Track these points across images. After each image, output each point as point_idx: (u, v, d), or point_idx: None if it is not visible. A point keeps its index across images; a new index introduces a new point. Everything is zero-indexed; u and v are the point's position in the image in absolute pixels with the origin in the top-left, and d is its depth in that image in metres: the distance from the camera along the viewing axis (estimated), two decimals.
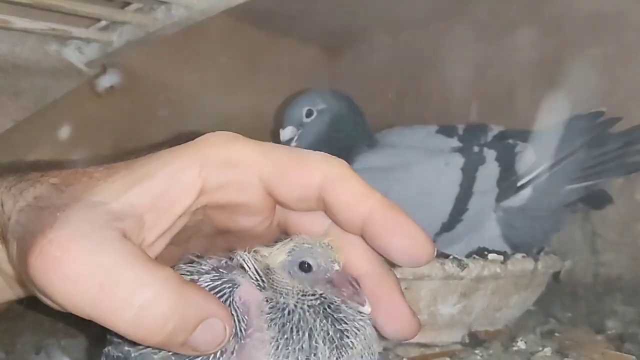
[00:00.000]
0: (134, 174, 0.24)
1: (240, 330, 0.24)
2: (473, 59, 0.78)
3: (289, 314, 0.24)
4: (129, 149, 0.68)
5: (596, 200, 0.60)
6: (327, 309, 0.25)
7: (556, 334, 0.54)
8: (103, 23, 0.55)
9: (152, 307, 0.21)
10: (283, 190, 0.26)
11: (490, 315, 0.52)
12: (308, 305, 0.25)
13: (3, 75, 0.55)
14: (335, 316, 0.25)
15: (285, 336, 0.24)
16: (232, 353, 0.23)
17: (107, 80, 0.59)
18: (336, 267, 0.25)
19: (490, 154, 0.58)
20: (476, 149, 0.59)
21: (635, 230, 0.63)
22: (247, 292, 0.25)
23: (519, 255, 0.52)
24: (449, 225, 0.56)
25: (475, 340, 0.51)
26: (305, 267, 0.25)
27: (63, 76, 0.58)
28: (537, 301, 0.57)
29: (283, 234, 0.29)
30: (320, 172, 0.26)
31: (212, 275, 0.25)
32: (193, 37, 0.69)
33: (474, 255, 0.51)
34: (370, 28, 0.84)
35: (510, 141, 0.60)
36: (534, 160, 0.58)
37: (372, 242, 0.26)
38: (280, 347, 0.24)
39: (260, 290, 0.25)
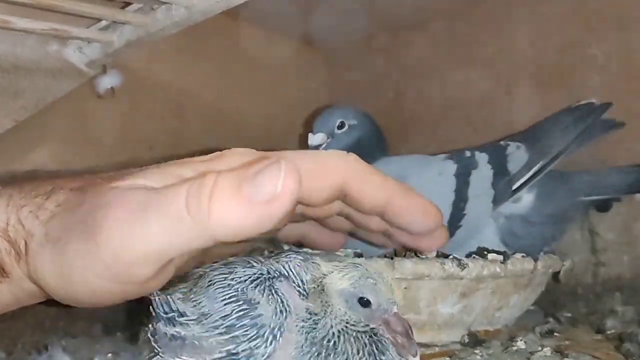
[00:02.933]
0: (164, 174, 0.26)
1: (289, 319, 0.24)
2: (473, 59, 0.78)
3: (327, 334, 0.24)
4: (129, 149, 0.68)
5: (601, 203, 0.60)
6: (374, 346, 0.25)
7: (556, 334, 0.54)
8: (103, 23, 0.55)
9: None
10: (310, 196, 0.28)
11: (490, 315, 0.52)
12: (354, 337, 0.25)
13: (3, 76, 0.55)
14: (379, 358, 0.25)
15: (314, 349, 0.24)
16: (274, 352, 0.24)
17: (107, 81, 0.59)
18: (395, 309, 0.26)
19: (482, 157, 0.59)
20: (468, 153, 0.60)
21: (635, 230, 0.63)
22: (288, 291, 0.25)
23: (518, 255, 0.52)
24: (449, 232, 0.56)
25: (474, 340, 0.51)
26: (364, 302, 0.26)
27: (63, 76, 0.58)
28: (537, 301, 0.57)
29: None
30: (341, 173, 0.28)
31: (249, 269, 0.26)
32: (193, 38, 0.70)
33: (474, 255, 0.51)
34: (370, 28, 0.84)
35: (502, 142, 0.61)
36: (526, 159, 0.58)
37: (392, 220, 0.29)
38: (303, 355, 0.24)
39: (300, 297, 0.25)
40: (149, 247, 0.23)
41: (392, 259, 0.49)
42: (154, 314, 0.26)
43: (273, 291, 0.25)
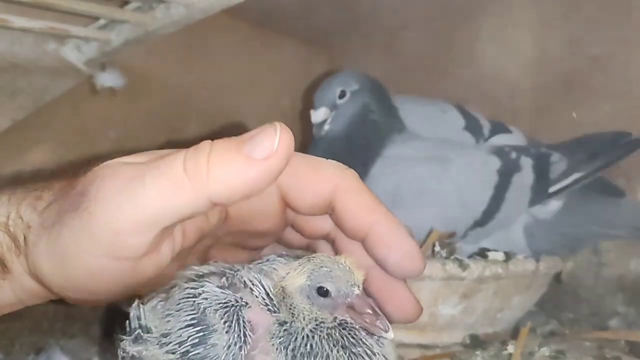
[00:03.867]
0: (146, 155, 0.26)
1: (244, 350, 0.23)
2: (474, 58, 0.78)
3: (303, 339, 0.24)
4: (128, 148, 0.68)
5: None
6: (347, 339, 0.24)
7: (557, 335, 0.53)
8: (102, 22, 0.55)
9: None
10: (297, 198, 0.28)
11: (492, 316, 0.52)
12: (327, 333, 0.24)
13: (1, 75, 0.54)
14: (355, 350, 0.24)
15: None
16: None
17: (106, 80, 0.59)
18: (356, 291, 0.25)
19: (527, 162, 0.59)
20: (513, 155, 0.59)
21: None
22: (256, 313, 0.24)
23: (520, 256, 0.51)
24: (481, 222, 0.56)
25: (476, 341, 0.51)
26: (323, 292, 0.25)
27: (61, 75, 0.57)
28: (539, 302, 0.56)
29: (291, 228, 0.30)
30: (333, 182, 0.27)
31: (220, 291, 0.25)
32: (192, 36, 0.69)
33: (475, 256, 0.51)
34: (370, 26, 0.84)
35: (544, 150, 0.61)
36: (564, 168, 0.59)
37: (371, 251, 0.27)
38: None
39: (271, 313, 0.24)
40: (142, 213, 0.23)
41: None
42: (127, 328, 0.25)
43: (235, 319, 0.24)
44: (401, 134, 0.61)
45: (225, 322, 0.23)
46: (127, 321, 0.25)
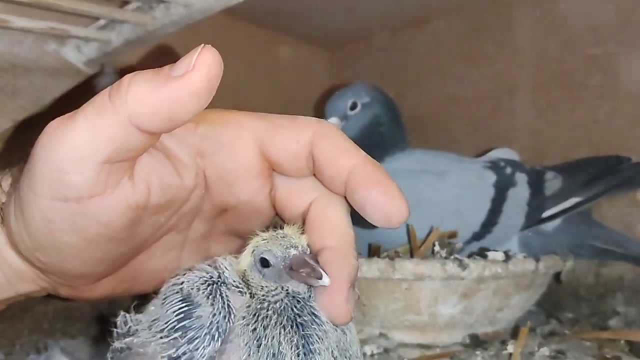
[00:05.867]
0: None
1: (225, 331, 0.24)
2: (474, 58, 0.78)
3: (261, 319, 0.24)
4: None
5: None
6: (293, 311, 0.24)
7: (557, 335, 0.53)
8: (102, 22, 0.55)
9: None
10: (277, 146, 0.27)
11: (491, 316, 0.52)
12: (275, 309, 0.24)
13: (1, 75, 0.55)
14: (300, 320, 0.24)
15: (257, 343, 0.24)
16: (215, 354, 0.24)
17: (105, 80, 0.59)
18: (292, 252, 0.25)
19: (521, 177, 0.59)
20: (509, 169, 0.60)
21: (637, 230, 0.63)
22: (231, 296, 0.25)
23: (520, 256, 0.51)
24: (479, 235, 0.57)
25: (475, 340, 0.51)
26: (265, 262, 0.25)
27: (62, 75, 0.57)
28: (538, 301, 0.56)
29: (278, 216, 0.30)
30: (312, 129, 0.27)
31: (197, 273, 0.26)
32: (192, 36, 0.69)
33: (475, 256, 0.51)
34: (370, 26, 0.84)
35: (539, 168, 0.61)
36: (560, 190, 0.59)
37: (352, 196, 0.26)
38: (252, 354, 0.24)
39: (242, 295, 0.25)
40: (74, 146, 0.23)
41: (392, 259, 0.49)
42: (115, 334, 0.26)
43: (217, 294, 0.25)
44: (403, 150, 0.62)
45: (208, 296, 0.24)
46: (116, 327, 0.26)
